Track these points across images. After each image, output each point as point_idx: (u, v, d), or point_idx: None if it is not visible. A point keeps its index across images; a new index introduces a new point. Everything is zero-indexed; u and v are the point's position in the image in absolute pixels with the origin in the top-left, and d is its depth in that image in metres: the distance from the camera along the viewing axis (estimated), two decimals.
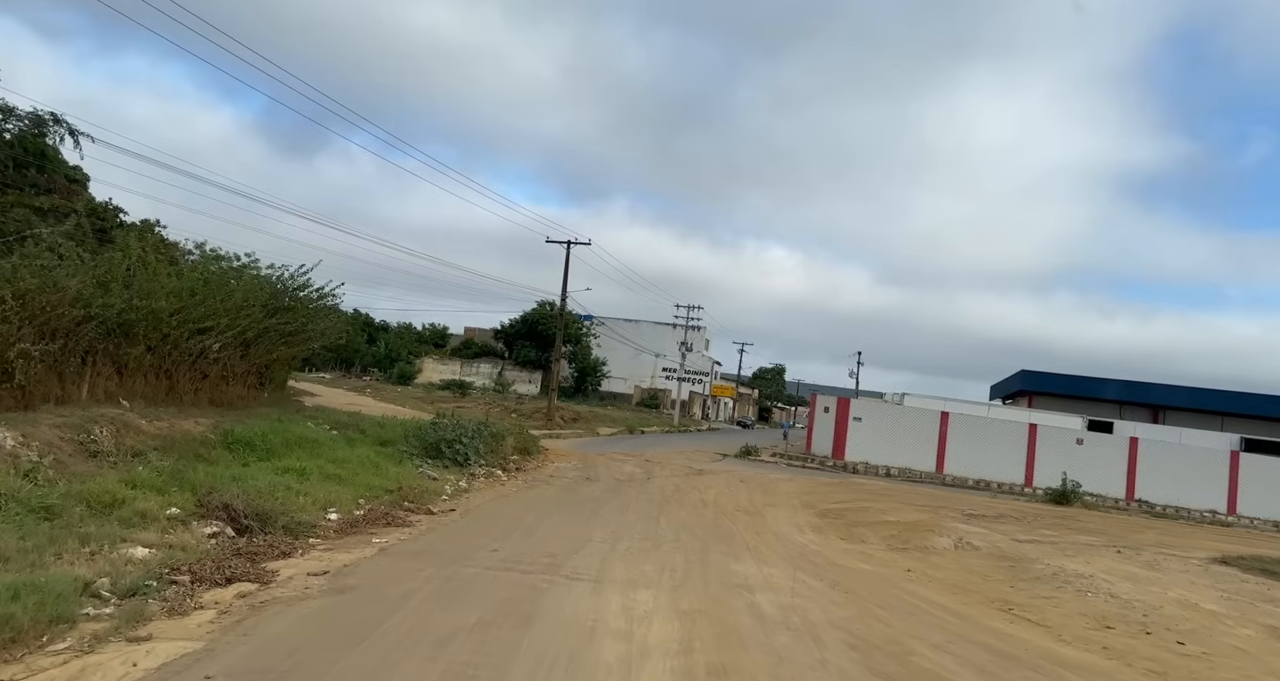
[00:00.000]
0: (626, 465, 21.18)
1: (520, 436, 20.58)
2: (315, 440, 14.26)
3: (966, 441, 28.05)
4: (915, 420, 28.49)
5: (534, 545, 9.36)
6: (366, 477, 12.81)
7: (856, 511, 14.97)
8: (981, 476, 27.67)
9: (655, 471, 20.42)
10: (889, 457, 28.20)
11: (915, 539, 12.18)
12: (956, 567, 10.01)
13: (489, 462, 17.47)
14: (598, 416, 39.99)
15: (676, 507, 14.06)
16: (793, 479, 21.04)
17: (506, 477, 16.53)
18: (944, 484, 26.86)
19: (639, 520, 12.17)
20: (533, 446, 20.55)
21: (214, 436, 12.73)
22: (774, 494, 17.18)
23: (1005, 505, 19.77)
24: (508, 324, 61.26)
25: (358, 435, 16.70)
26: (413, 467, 15.13)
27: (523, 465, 18.62)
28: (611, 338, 59.97)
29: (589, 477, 17.67)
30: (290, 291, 16.65)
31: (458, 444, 16.93)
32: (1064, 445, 27.52)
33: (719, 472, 21.48)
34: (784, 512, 14.45)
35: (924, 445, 28.22)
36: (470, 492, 13.90)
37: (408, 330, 73.91)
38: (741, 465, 25.69)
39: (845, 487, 19.58)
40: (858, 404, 29.24)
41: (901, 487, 21.13)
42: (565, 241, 30.85)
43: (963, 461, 27.93)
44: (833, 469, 27.59)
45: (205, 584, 6.76)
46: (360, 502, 11.32)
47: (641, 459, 23.54)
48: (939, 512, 15.96)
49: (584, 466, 19.96)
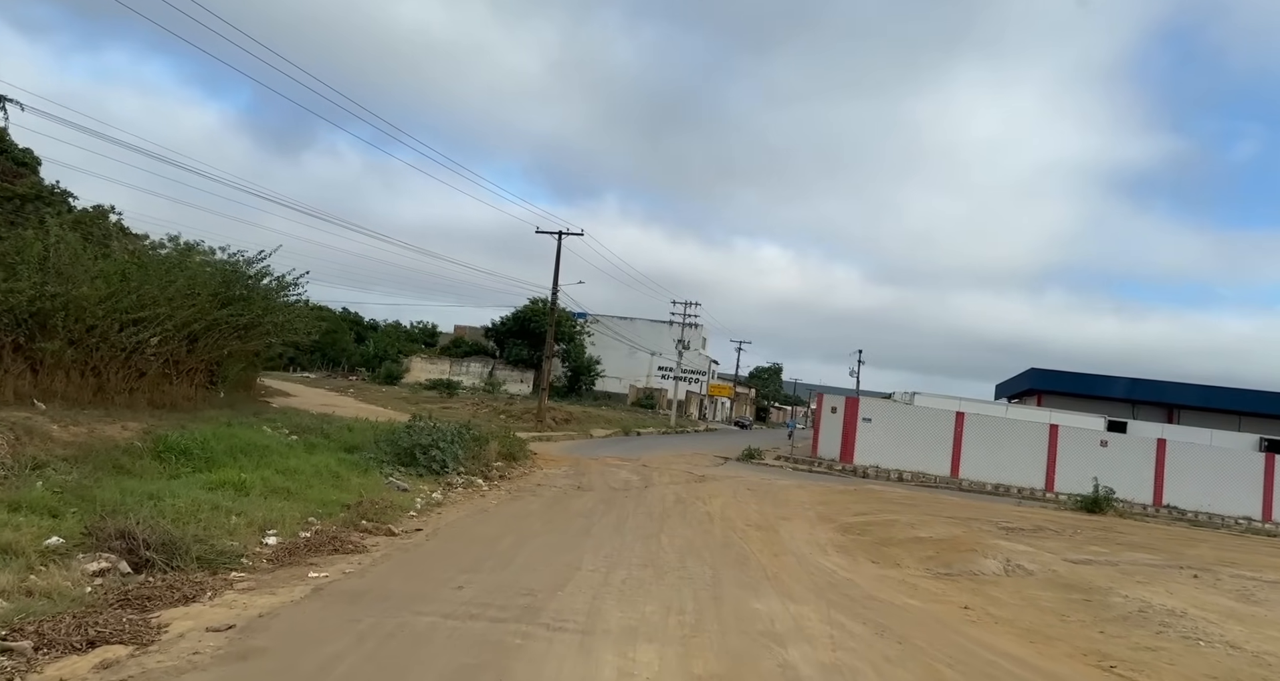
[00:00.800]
0: (622, 471, 19.48)
1: (505, 440, 18.86)
2: (267, 447, 12.51)
3: (983, 443, 26.43)
4: (928, 421, 26.86)
5: (510, 578, 7.64)
6: (321, 490, 11.09)
7: (881, 526, 13.29)
8: (1000, 480, 26.04)
9: (654, 478, 18.73)
10: (901, 461, 26.55)
11: (957, 561, 10.50)
12: (1020, 602, 8.33)
13: (469, 470, 15.75)
14: (591, 417, 38.27)
15: (679, 522, 12.36)
16: (803, 486, 19.37)
17: (488, 487, 14.81)
18: (960, 489, 25.22)
19: (637, 539, 10.47)
20: (519, 451, 18.83)
21: (143, 444, 10.98)
22: (786, 504, 15.50)
23: (1036, 514, 18.12)
24: (499, 321, 59.50)
25: (321, 440, 14.96)
26: (380, 477, 13.42)
27: (508, 473, 16.90)
28: (606, 334, 58.27)
29: (580, 487, 15.96)
30: (245, 279, 14.88)
31: (434, 450, 15.21)
32: (1087, 447, 25.92)
33: (722, 479, 19.78)
34: (801, 527, 12.77)
35: (938, 447, 26.59)
36: (444, 507, 12.17)
37: (395, 328, 72.05)
38: (745, 470, 24.01)
39: (861, 496, 17.90)
40: (867, 404, 27.62)
41: (921, 495, 19.47)
42: (556, 232, 29.16)
43: (979, 464, 26.30)
44: (842, 473, 25.93)
45: (56, 650, 5.02)
46: (310, 521, 9.60)
47: (638, 464, 21.83)
48: (971, 526, 14.30)
49: (575, 473, 18.25)
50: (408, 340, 77.78)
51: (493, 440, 18.00)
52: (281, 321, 15.67)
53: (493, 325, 60.35)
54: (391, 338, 73.42)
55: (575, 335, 60.95)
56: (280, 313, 16.01)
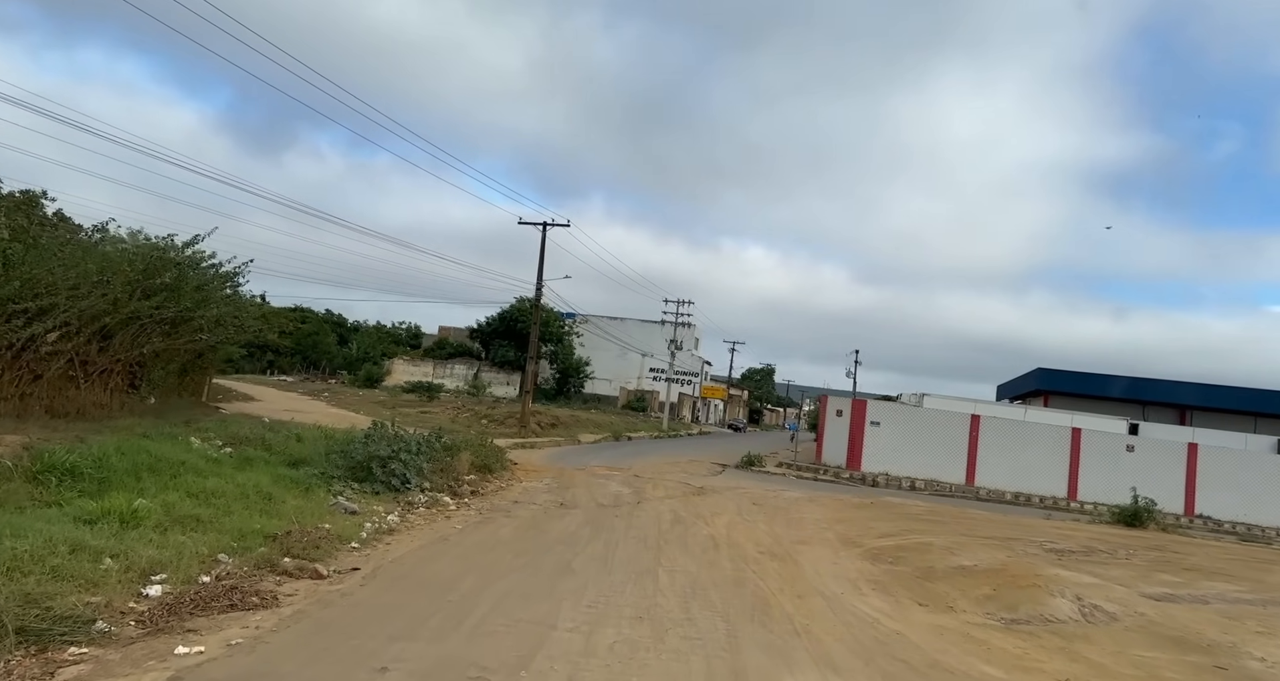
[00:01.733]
0: (611, 483, 17.48)
1: (481, 450, 16.82)
2: (183, 464, 10.45)
3: (1000, 449, 24.58)
4: (942, 424, 24.99)
5: (457, 648, 5.65)
6: (243, 518, 9.06)
7: (915, 551, 11.34)
8: (1019, 489, 24.18)
9: (646, 490, 16.74)
10: (913, 468, 24.66)
11: (1021, 601, 8.56)
12: (1128, 667, 6.38)
13: (435, 486, 13.71)
14: (579, 421, 36.24)
15: (679, 550, 10.37)
16: (812, 498, 17.42)
17: (456, 506, 12.78)
18: (978, 498, 23.34)
19: (630, 577, 8.48)
20: (496, 461, 16.80)
21: (17, 462, 8.91)
22: (800, 523, 13.54)
23: (1076, 530, 16.24)
24: (484, 322, 57.40)
25: (260, 453, 12.88)
26: (326, 498, 11.38)
27: (481, 487, 14.87)
28: (596, 333, 56.26)
29: (563, 503, 13.95)
30: (172, 266, 12.78)
31: (393, 463, 13.19)
32: (1112, 452, 24.12)
33: (723, 491, 17.82)
34: (823, 555, 10.80)
35: (952, 453, 24.72)
36: (397, 534, 10.14)
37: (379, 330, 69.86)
38: (747, 479, 22.05)
39: (879, 511, 15.96)
40: (876, 406, 25.72)
41: (943, 508, 17.54)
42: (540, 223, 27.17)
43: (997, 471, 24.45)
44: (850, 482, 24.00)
45: None
46: (218, 560, 7.59)
47: (629, 474, 19.83)
48: (1014, 548, 12.38)
49: (559, 486, 16.24)
50: (391, 342, 75.56)
51: (465, 450, 15.97)
52: (219, 315, 13.55)
53: (478, 326, 58.23)
54: (374, 339, 71.22)
55: (564, 336, 58.90)
56: (219, 306, 13.91)
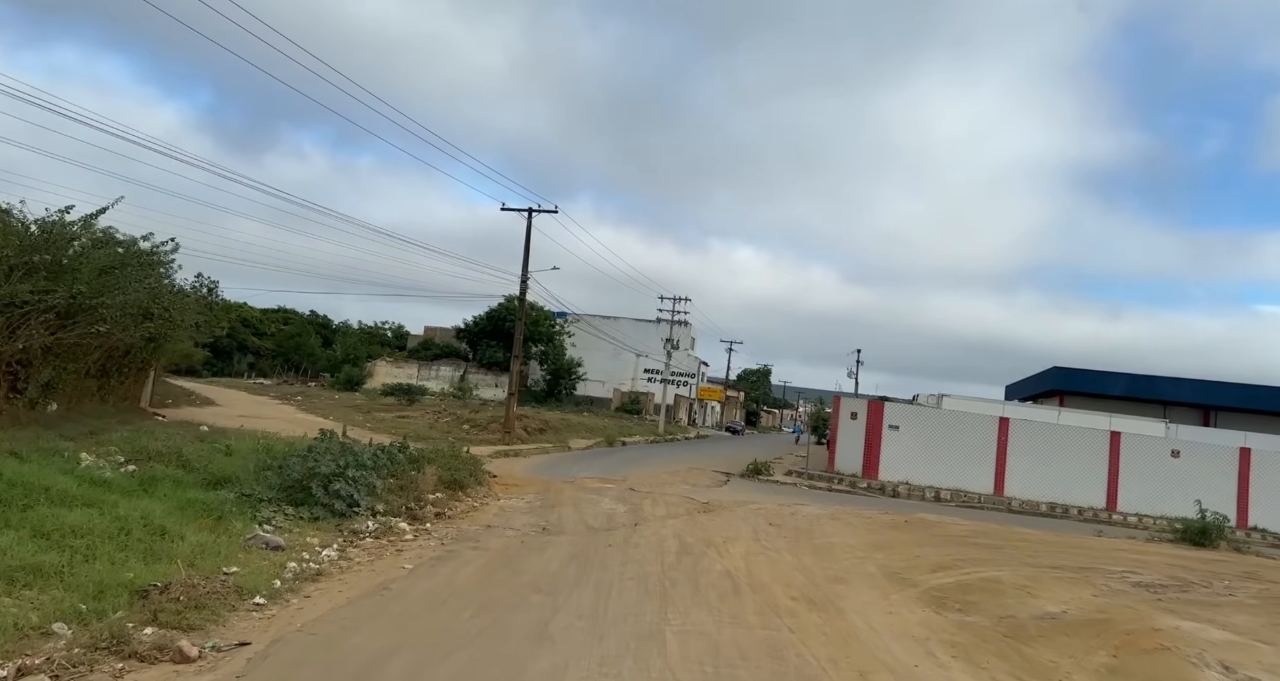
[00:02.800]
0: (604, 499, 15.18)
1: (452, 462, 14.49)
2: (49, 490, 8.10)
3: (1032, 454, 22.38)
4: (967, 428, 22.77)
5: None
6: (111, 565, 6.80)
7: (983, 590, 9.07)
8: (1053, 499, 21.98)
9: (645, 508, 14.44)
10: (936, 476, 22.43)
11: (1159, 675, 6.29)
12: None
13: (391, 508, 11.39)
14: (571, 425, 33.91)
15: (690, 597, 8.08)
16: (836, 515, 15.14)
17: (413, 535, 10.46)
18: (1010, 510, 21.13)
19: (627, 647, 6.18)
20: (470, 475, 14.46)
21: None
22: (831, 551, 11.26)
23: (1145, 552, 14.00)
24: (471, 321, 54.99)
25: (173, 472, 10.51)
26: (246, 527, 9.09)
27: (449, 507, 12.55)
28: (589, 332, 53.94)
29: (546, 527, 11.65)
30: (65, 244, 10.42)
31: (338, 482, 10.87)
32: (1155, 458, 21.94)
33: (733, 507, 15.54)
34: (872, 599, 8.52)
35: (979, 460, 22.51)
36: (325, 580, 7.83)
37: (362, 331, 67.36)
38: (755, 490, 19.78)
39: (918, 532, 13.70)
40: (894, 409, 23.48)
41: (989, 527, 15.27)
42: (525, 209, 24.84)
43: (1028, 480, 22.24)
44: (868, 492, 21.75)
45: None
46: (55, 632, 5.36)
47: (624, 486, 17.53)
48: (1094, 582, 10.15)
49: (543, 504, 13.93)
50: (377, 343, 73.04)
51: (431, 464, 13.64)
52: (126, 303, 11.17)
53: (465, 325, 55.82)
54: (358, 340, 68.73)
55: (554, 335, 56.54)
56: (131, 293, 11.53)
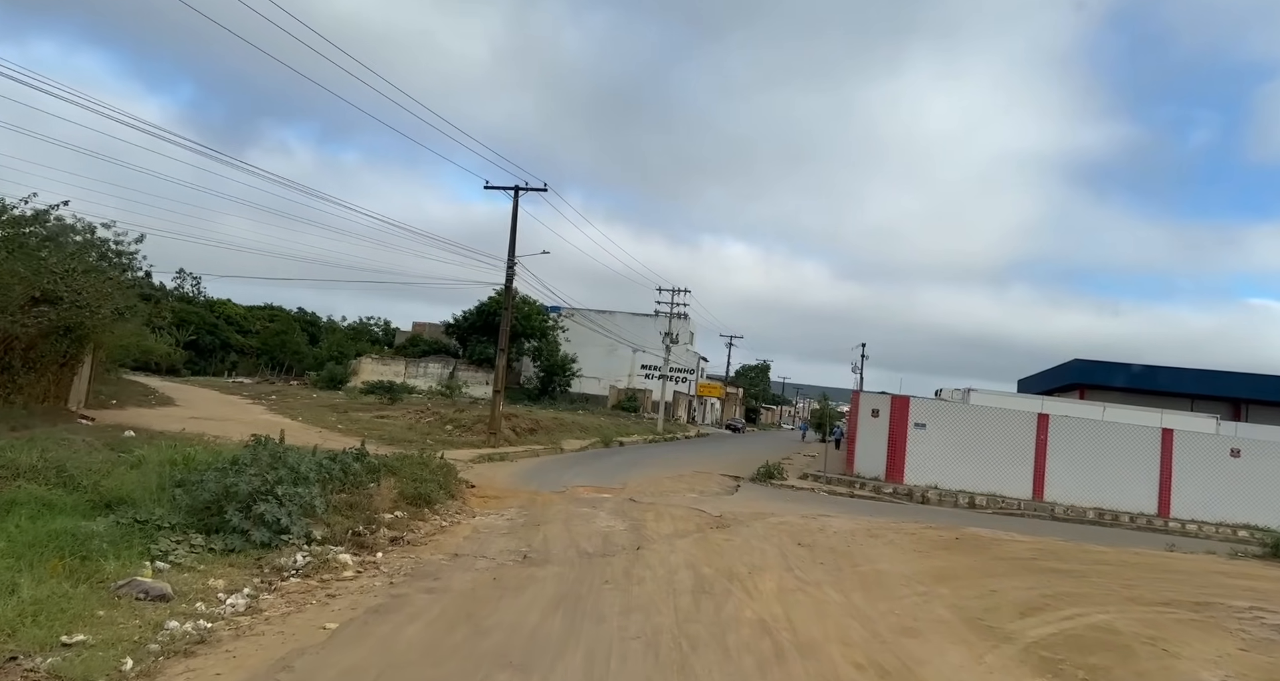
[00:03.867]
0: (600, 513, 12.94)
1: (419, 471, 12.21)
2: None
3: (1074, 455, 20.20)
4: (1001, 426, 20.57)
5: None
6: None
7: (1105, 649, 6.86)
8: (1098, 504, 19.80)
9: (648, 523, 12.21)
10: (968, 479, 20.23)
11: None
12: None
13: (333, 533, 9.12)
14: (564, 425, 31.65)
15: (718, 668, 5.84)
16: (873, 530, 12.93)
17: (356, 570, 8.19)
18: (1053, 517, 18.94)
19: None
20: (440, 488, 12.18)
21: None
22: (883, 584, 9.02)
23: (1247, 575, 11.79)
24: (460, 316, 52.70)
25: (46, 493, 8.22)
26: (127, 566, 6.87)
27: (411, 529, 10.28)
28: (585, 323, 51.68)
29: (527, 555, 9.39)
30: None
31: (264, 501, 8.61)
32: (1212, 458, 19.77)
33: (750, 522, 13.31)
34: (961, 663, 6.30)
35: (1015, 461, 20.32)
36: (206, 651, 5.55)
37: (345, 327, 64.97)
38: (771, 497, 17.55)
39: (977, 552, 11.48)
40: (921, 405, 21.26)
41: (1056, 543, 13.03)
42: (512, 188, 22.53)
43: (1070, 483, 20.06)
44: (894, 497, 19.55)
45: None
46: None
47: (623, 495, 15.29)
48: (1224, 624, 7.93)
49: (526, 521, 11.67)
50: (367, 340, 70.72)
51: (389, 476, 11.38)
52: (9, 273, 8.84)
53: (454, 320, 53.52)
54: (344, 337, 66.38)
55: (548, 330, 54.30)
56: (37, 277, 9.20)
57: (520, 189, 22.45)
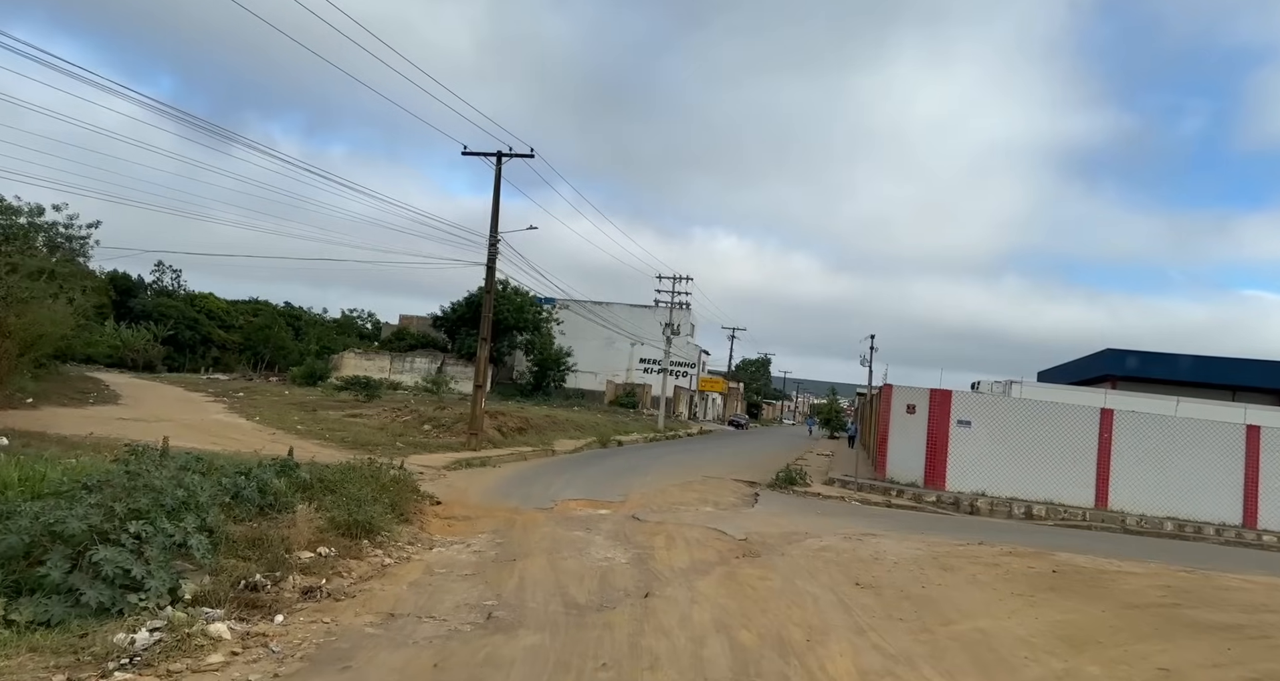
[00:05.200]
0: (596, 538, 10.22)
1: (357, 492, 9.45)
2: None
3: (1142, 455, 17.54)
4: (1059, 422, 17.89)
5: None
6: None
7: None
8: (1171, 512, 17.15)
9: (658, 555, 9.50)
10: (1019, 484, 17.58)
11: None
12: None
13: (218, 586, 6.37)
14: (557, 423, 28.92)
15: None
16: (941, 559, 10.23)
17: (233, 649, 5.43)
18: (1124, 528, 16.29)
19: None
20: (388, 511, 9.42)
21: None
22: (997, 654, 6.34)
23: None
24: (449, 308, 49.87)
25: None
26: None
27: (337, 570, 7.56)
28: (580, 313, 48.92)
29: (493, 613, 6.67)
30: None
31: (106, 546, 5.89)
32: None
33: (782, 544, 10.61)
34: None
35: (1075, 463, 17.66)
36: None
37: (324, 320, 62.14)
38: (798, 509, 14.85)
39: (1093, 594, 8.78)
40: (965, 400, 18.56)
41: (1184, 577, 10.27)
42: (494, 153, 19.74)
43: (1140, 488, 17.40)
44: (938, 507, 16.87)
45: None
46: None
47: (624, 512, 12.57)
48: None
49: (499, 555, 8.94)
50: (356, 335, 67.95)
51: (326, 494, 8.66)
52: None
53: (443, 312, 50.69)
54: (330, 331, 63.58)
55: (541, 323, 51.53)
56: None
57: (504, 155, 19.65)
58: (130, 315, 53.33)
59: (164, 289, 65.66)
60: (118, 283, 59.74)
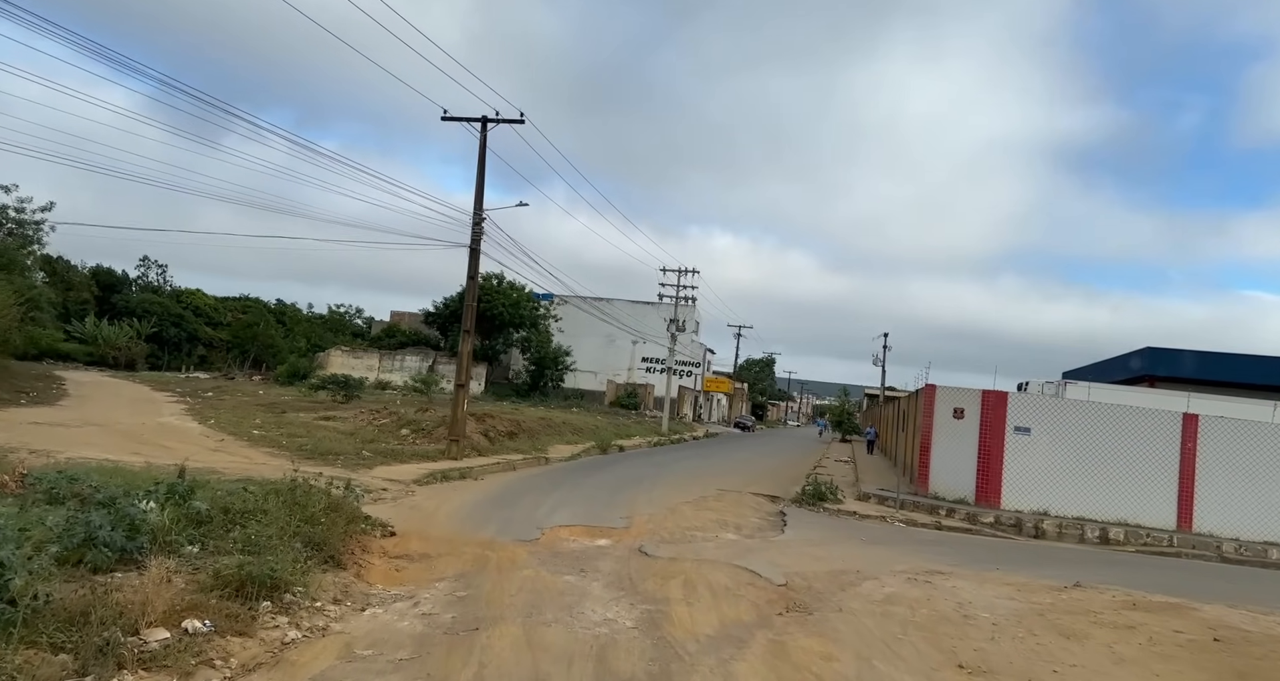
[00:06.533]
0: (592, 589, 7.70)
1: (263, 530, 6.93)
2: None
3: (1234, 469, 15.04)
4: (1133, 430, 15.38)
5: None
6: None
7: None
8: (1268, 535, 14.64)
9: (673, 612, 6.99)
10: (1090, 502, 15.08)
11: None
12: None
13: None
14: (553, 426, 26.41)
15: None
16: (1052, 616, 7.73)
17: None
18: (1220, 557, 13.78)
19: None
20: (309, 557, 6.90)
21: None
22: None
23: None
24: (441, 304, 47.38)
25: None
26: None
27: (208, 659, 5.02)
28: (580, 308, 46.43)
29: None
30: None
31: None
32: None
33: (839, 595, 8.12)
34: None
35: (1153, 477, 15.16)
36: None
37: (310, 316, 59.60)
38: (840, 536, 12.33)
39: None
40: (1023, 403, 16.04)
41: None
42: (479, 119, 17.28)
43: (1229, 507, 14.90)
44: (996, 529, 14.35)
45: None
46: None
47: (627, 545, 10.05)
48: None
49: (458, 618, 6.41)
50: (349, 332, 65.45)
51: (192, 544, 6.18)
52: None
53: (435, 308, 48.18)
54: (317, 328, 61.06)
55: (539, 319, 49.02)
56: None
57: (489, 120, 17.16)
58: (113, 311, 51.14)
59: (149, 285, 63.29)
60: (101, 278, 57.39)
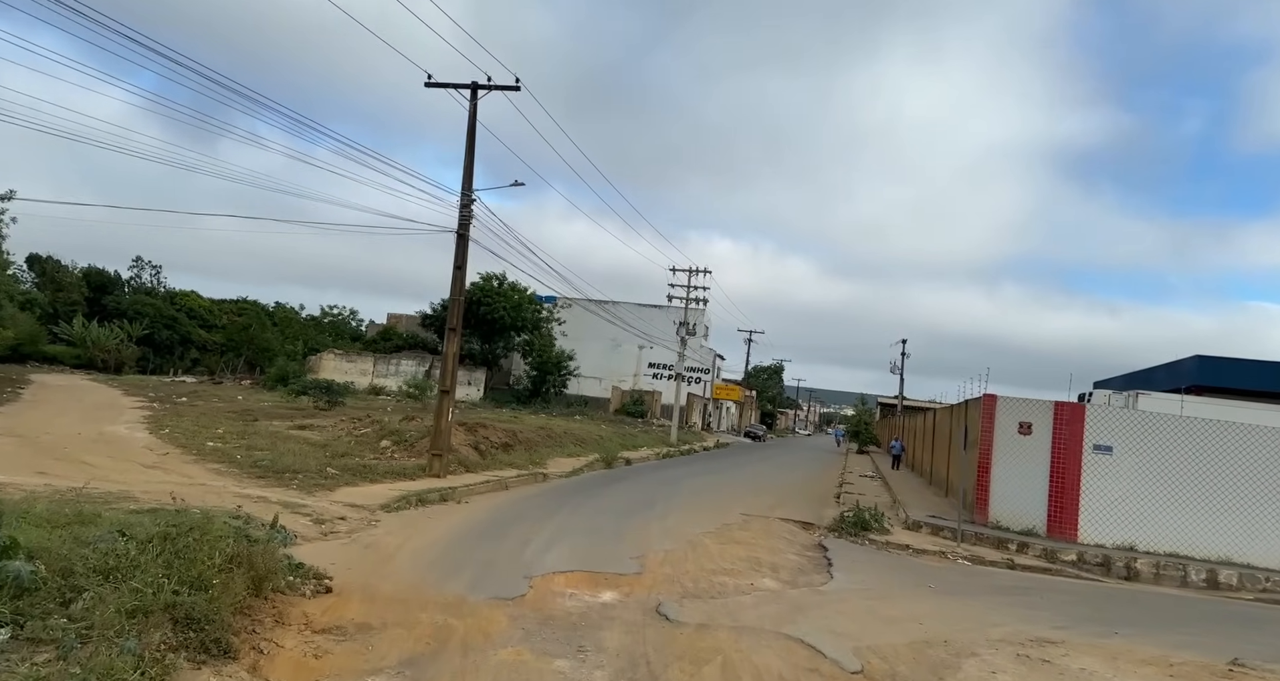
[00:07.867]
0: None
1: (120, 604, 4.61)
2: None
3: None
4: (1237, 450, 12.98)
5: None
6: None
7: None
8: None
9: None
10: (1186, 535, 12.69)
11: None
12: None
13: None
14: (553, 437, 24.06)
15: None
16: None
17: None
18: None
19: None
20: (183, 641, 4.60)
21: None
22: None
23: None
24: (438, 305, 45.16)
25: None
26: None
27: None
28: (586, 309, 44.13)
29: None
30: None
31: None
32: None
33: None
34: None
35: (1264, 506, 12.75)
36: None
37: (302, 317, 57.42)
38: (901, 581, 9.98)
39: None
40: (1103, 417, 13.65)
41: None
42: (468, 85, 15.01)
43: None
44: (1079, 568, 11.96)
45: None
46: None
47: (641, 601, 7.70)
48: None
49: None
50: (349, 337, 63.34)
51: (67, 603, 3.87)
52: None
53: (432, 310, 46.00)
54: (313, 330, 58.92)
55: (541, 323, 46.79)
56: None
57: (480, 86, 14.94)
58: (104, 313, 49.31)
59: (143, 286, 61.35)
60: (92, 278, 55.48)
